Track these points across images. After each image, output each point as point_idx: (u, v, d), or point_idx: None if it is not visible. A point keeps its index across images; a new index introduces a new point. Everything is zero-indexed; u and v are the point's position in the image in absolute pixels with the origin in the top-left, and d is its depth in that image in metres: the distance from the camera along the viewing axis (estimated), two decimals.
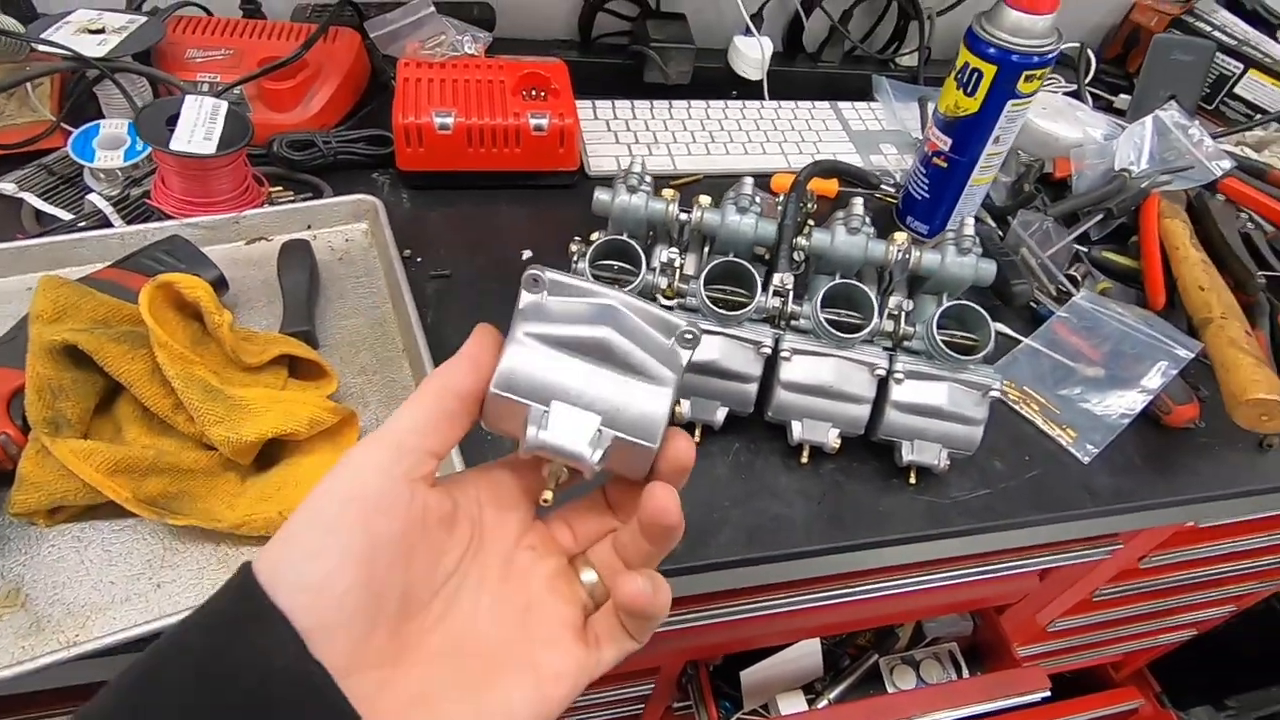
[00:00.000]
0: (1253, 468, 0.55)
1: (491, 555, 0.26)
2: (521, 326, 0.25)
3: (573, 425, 0.25)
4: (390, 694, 0.22)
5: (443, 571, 0.25)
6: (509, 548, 0.27)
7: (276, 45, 0.67)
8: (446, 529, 0.25)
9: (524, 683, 0.25)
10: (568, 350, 0.25)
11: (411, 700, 0.23)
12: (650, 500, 0.25)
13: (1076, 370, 0.58)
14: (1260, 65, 0.83)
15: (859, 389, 0.47)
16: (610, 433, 0.25)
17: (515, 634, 0.25)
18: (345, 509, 0.22)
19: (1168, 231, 0.67)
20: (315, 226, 0.61)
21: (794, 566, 0.47)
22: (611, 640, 0.26)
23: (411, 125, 0.62)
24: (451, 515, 0.25)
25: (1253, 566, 0.84)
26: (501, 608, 0.26)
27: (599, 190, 0.50)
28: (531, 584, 0.26)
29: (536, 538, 0.28)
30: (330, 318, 0.55)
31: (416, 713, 0.23)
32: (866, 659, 0.79)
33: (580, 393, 0.25)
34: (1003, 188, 0.76)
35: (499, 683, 0.24)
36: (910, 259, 0.49)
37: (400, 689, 0.22)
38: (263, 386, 0.44)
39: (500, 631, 0.25)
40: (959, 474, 0.51)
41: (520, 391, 0.25)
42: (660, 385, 0.26)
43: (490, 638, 0.25)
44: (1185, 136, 0.74)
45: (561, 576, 0.27)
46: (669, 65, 0.77)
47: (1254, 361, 0.52)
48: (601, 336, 0.26)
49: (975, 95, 0.59)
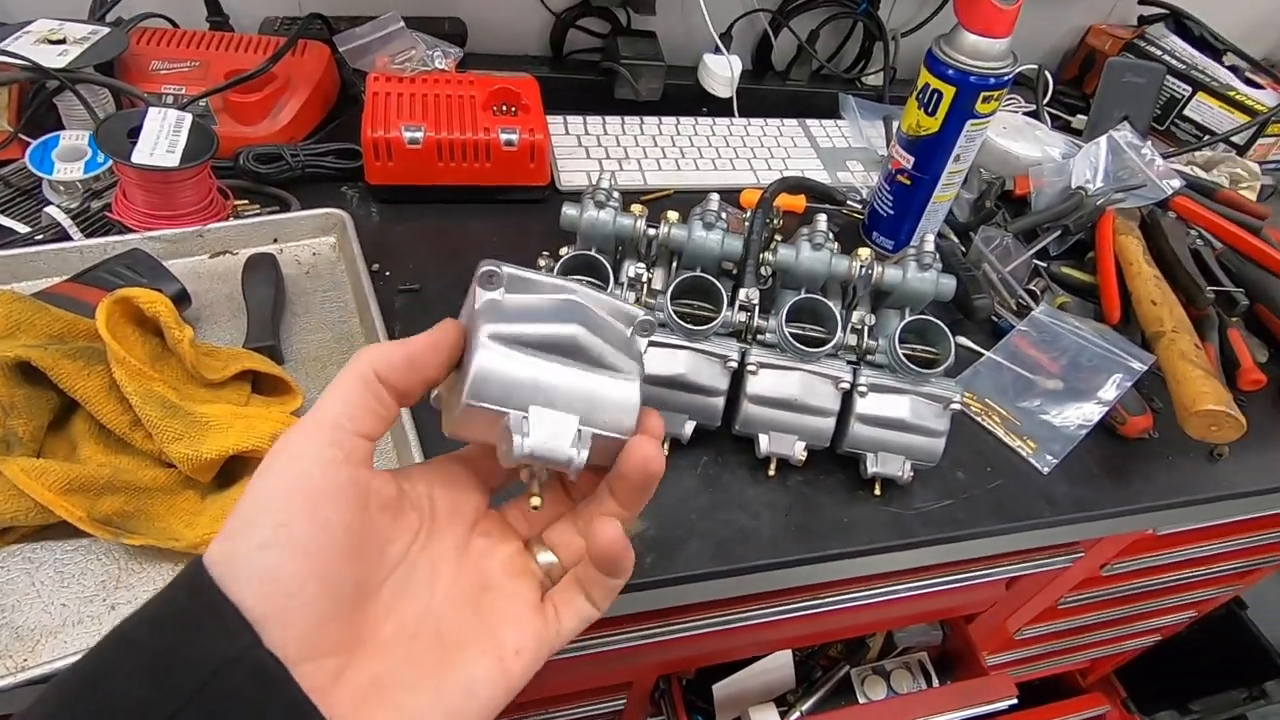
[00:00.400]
0: (1204, 476, 0.56)
1: (444, 543, 0.26)
2: (484, 329, 0.24)
3: (554, 429, 0.24)
4: (345, 682, 0.22)
5: (391, 559, 0.25)
6: (463, 535, 0.27)
7: (244, 58, 0.67)
8: (392, 516, 0.25)
9: (484, 661, 0.25)
10: (534, 350, 0.25)
11: (367, 687, 0.23)
12: (635, 453, 0.26)
13: (1036, 383, 0.60)
14: (1207, 89, 0.87)
15: (824, 402, 0.48)
16: (590, 430, 0.25)
17: (472, 616, 0.26)
18: (290, 498, 0.22)
19: (1122, 248, 0.69)
20: (282, 240, 0.60)
21: (762, 579, 0.47)
22: (571, 609, 0.27)
23: (381, 139, 0.62)
24: (396, 502, 0.25)
25: (1211, 573, 0.87)
26: (457, 592, 0.26)
27: (567, 205, 0.50)
28: (487, 568, 0.27)
29: (491, 525, 0.28)
30: (296, 332, 0.54)
31: (372, 699, 0.23)
32: (838, 670, 0.80)
33: (555, 394, 0.25)
34: (966, 204, 0.78)
35: (458, 663, 0.25)
36: (873, 274, 0.50)
37: (355, 676, 0.23)
38: (224, 403, 0.44)
39: (457, 615, 0.25)
40: (923, 485, 0.52)
41: (494, 399, 0.24)
42: (628, 377, 0.26)
43: (447, 621, 0.25)
44: (1137, 156, 0.76)
45: (518, 559, 0.28)
46: (639, 82, 0.78)
47: (1203, 374, 0.54)
48: (571, 334, 0.25)
49: (936, 115, 0.61)
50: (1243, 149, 0.85)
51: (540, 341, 0.25)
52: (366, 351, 0.25)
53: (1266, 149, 0.86)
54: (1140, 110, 0.87)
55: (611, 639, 0.55)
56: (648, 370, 0.45)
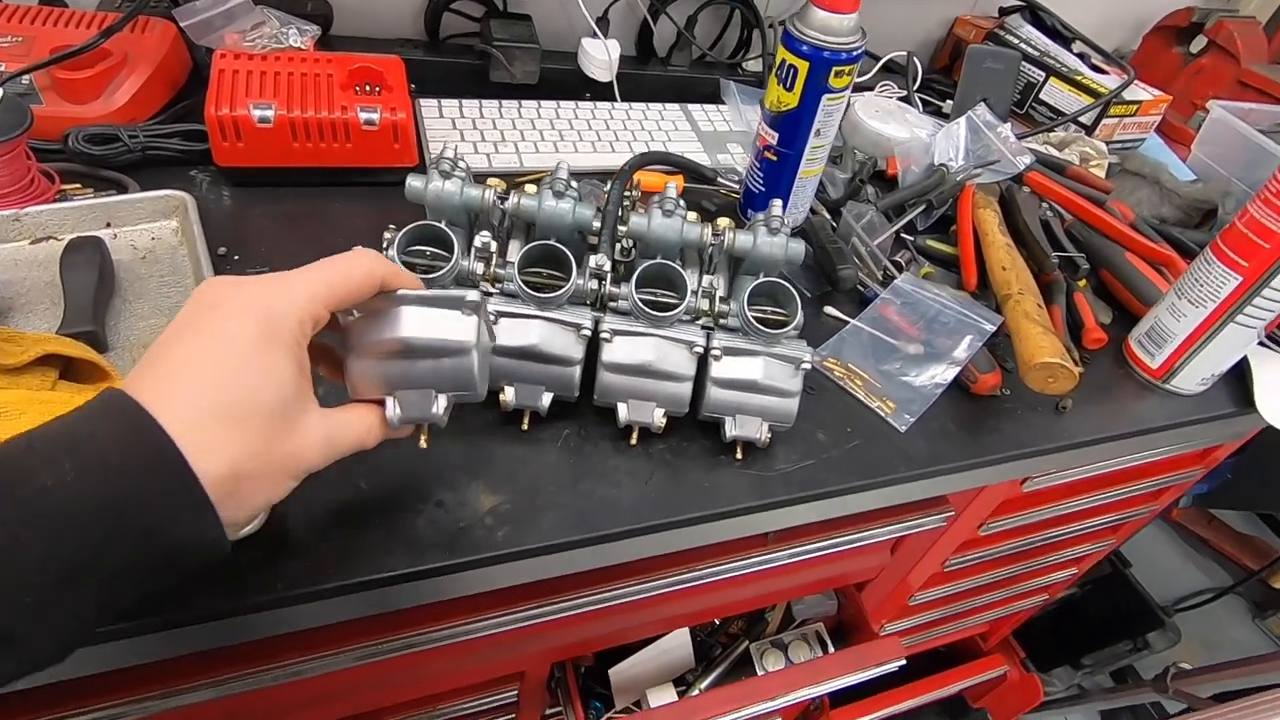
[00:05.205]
0: (1051, 428, 0.59)
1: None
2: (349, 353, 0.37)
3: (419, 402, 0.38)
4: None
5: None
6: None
7: (76, 34, 0.62)
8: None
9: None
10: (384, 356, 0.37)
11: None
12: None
13: (898, 347, 0.62)
14: (1058, 73, 0.93)
15: (679, 367, 0.48)
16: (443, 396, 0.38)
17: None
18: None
19: (980, 220, 0.73)
20: (116, 225, 0.56)
21: (622, 547, 0.46)
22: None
23: (226, 117, 0.59)
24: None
25: (1084, 528, 0.92)
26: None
27: (411, 178, 0.49)
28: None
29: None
30: (127, 318, 0.51)
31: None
32: (737, 646, 0.80)
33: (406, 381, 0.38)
34: (842, 184, 0.81)
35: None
36: (724, 241, 0.51)
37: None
38: (24, 389, 0.40)
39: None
40: (785, 448, 0.52)
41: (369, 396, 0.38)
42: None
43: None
44: (994, 135, 0.80)
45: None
46: (514, 65, 0.77)
47: (1041, 330, 0.57)
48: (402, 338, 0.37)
49: (794, 90, 0.62)
50: (1090, 129, 0.91)
51: (388, 350, 0.37)
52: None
53: (1112, 129, 0.92)
54: (1000, 94, 0.92)
55: (483, 624, 0.53)
56: (501, 342, 0.45)
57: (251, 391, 0.29)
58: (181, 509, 0.27)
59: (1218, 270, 0.59)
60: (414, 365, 0.37)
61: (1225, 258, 0.59)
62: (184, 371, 0.29)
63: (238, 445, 0.29)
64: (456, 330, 0.37)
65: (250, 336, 0.30)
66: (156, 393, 0.28)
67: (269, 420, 0.30)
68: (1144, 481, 0.84)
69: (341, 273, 0.33)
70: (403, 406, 0.37)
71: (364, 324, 0.36)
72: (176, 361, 0.29)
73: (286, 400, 0.31)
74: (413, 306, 0.36)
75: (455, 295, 0.37)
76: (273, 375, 0.30)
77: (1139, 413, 0.63)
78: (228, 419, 0.29)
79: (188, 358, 0.29)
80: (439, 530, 0.43)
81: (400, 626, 0.51)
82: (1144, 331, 0.67)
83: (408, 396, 0.37)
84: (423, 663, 0.57)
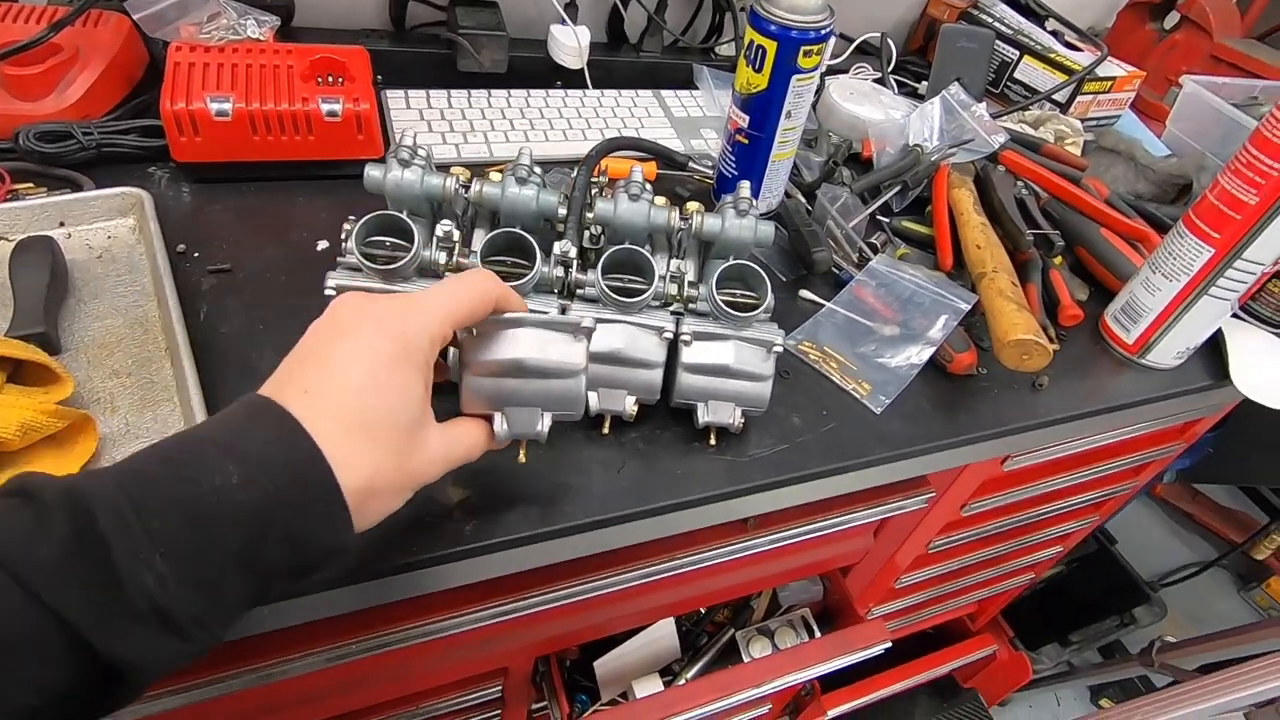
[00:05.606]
0: (1027, 406, 0.59)
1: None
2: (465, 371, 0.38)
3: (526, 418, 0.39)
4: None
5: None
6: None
7: (24, 29, 0.61)
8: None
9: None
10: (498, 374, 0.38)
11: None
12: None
13: (874, 329, 0.61)
14: (1032, 52, 0.92)
15: (649, 354, 0.47)
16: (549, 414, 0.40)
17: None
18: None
19: (955, 199, 0.72)
20: (70, 224, 0.55)
21: (591, 538, 0.46)
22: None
23: (183, 111, 0.57)
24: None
25: (1065, 506, 0.92)
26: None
27: (370, 167, 0.47)
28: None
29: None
30: (81, 319, 0.49)
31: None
32: (723, 634, 0.80)
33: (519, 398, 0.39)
34: (817, 167, 0.80)
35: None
36: (693, 224, 0.50)
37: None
38: None
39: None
40: (760, 432, 0.52)
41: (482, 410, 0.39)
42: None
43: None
44: (969, 114, 0.80)
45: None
46: (481, 53, 0.76)
47: (1016, 307, 0.56)
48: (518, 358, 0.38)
49: (763, 71, 0.61)
50: (1065, 106, 0.91)
51: (503, 369, 0.38)
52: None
53: (1086, 106, 0.92)
54: (974, 73, 0.92)
55: (462, 619, 0.53)
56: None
57: (387, 409, 0.31)
58: (326, 519, 0.28)
59: (1190, 243, 0.59)
60: (526, 384, 0.38)
61: (1197, 230, 0.59)
62: (328, 386, 0.30)
63: (372, 460, 0.30)
64: (569, 354, 0.39)
65: (389, 355, 0.31)
66: (303, 404, 0.29)
67: (400, 436, 0.31)
68: (1125, 457, 0.84)
69: (465, 293, 0.35)
70: (511, 423, 0.39)
71: (479, 342, 0.38)
72: (319, 375, 0.30)
73: (415, 417, 0.32)
74: (530, 329, 0.38)
75: (570, 321, 0.38)
76: (406, 393, 0.31)
77: (1116, 388, 0.63)
78: (365, 434, 0.30)
79: (331, 373, 0.30)
80: (407, 525, 0.42)
81: (374, 625, 0.50)
82: (1119, 307, 0.67)
83: (517, 414, 0.39)
84: (403, 661, 0.56)
